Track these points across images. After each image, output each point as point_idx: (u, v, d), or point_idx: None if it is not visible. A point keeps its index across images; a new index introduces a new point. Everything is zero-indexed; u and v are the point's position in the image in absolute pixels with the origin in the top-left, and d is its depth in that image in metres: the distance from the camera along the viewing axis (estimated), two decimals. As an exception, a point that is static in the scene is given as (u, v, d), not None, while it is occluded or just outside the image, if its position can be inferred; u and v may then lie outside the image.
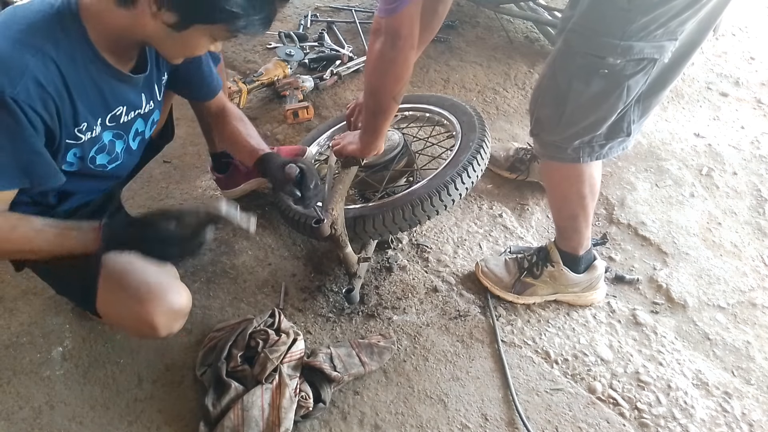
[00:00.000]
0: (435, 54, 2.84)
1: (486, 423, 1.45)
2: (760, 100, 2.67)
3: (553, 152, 1.47)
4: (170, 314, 1.33)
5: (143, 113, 1.34)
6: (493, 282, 1.74)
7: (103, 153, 1.29)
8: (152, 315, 1.29)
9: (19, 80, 1.02)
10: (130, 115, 1.30)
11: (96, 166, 1.29)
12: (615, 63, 1.23)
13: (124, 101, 1.26)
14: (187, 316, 1.40)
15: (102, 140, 1.26)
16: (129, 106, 1.28)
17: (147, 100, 1.33)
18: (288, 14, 3.20)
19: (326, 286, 1.77)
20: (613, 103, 1.31)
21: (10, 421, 1.42)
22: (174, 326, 1.36)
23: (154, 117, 1.40)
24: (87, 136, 1.21)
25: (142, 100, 1.31)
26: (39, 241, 1.16)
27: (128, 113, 1.29)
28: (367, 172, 1.86)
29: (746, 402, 1.52)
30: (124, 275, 1.31)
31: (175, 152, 2.24)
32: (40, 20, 1.07)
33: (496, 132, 2.39)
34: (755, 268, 1.89)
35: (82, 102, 1.15)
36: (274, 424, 1.34)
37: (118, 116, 1.26)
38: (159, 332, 1.32)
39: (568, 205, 1.57)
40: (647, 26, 1.18)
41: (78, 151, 1.22)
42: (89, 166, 1.27)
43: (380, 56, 1.37)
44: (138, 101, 1.30)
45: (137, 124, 1.34)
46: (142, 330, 1.33)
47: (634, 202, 2.11)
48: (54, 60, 1.07)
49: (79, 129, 1.18)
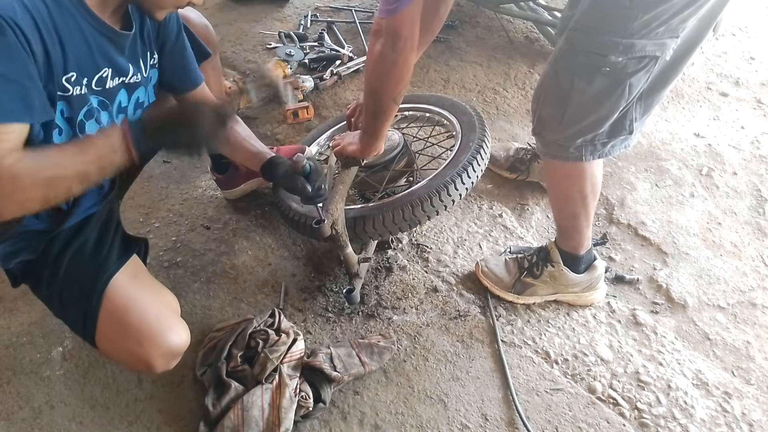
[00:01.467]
0: (435, 54, 2.84)
1: (486, 423, 1.45)
2: (760, 100, 2.67)
3: (556, 151, 1.47)
4: (168, 355, 1.32)
5: (128, 82, 1.30)
6: (493, 282, 1.74)
7: (92, 120, 1.24)
8: (150, 357, 1.29)
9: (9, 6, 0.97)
10: (115, 81, 1.26)
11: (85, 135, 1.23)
12: (617, 61, 1.23)
13: (109, 62, 1.22)
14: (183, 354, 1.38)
15: (90, 102, 1.20)
16: (114, 69, 1.24)
17: (134, 70, 1.30)
18: (288, 14, 3.21)
19: (326, 286, 1.77)
20: (615, 101, 1.31)
21: (10, 421, 1.42)
22: (170, 364, 1.35)
23: (138, 95, 1.36)
24: (76, 91, 1.15)
25: (129, 67, 1.28)
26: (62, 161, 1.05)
27: (113, 78, 1.25)
28: (367, 172, 1.86)
29: (746, 402, 1.52)
30: (125, 313, 1.30)
31: (175, 152, 2.24)
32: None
33: (496, 132, 2.39)
34: (755, 268, 1.89)
35: (71, 49, 1.10)
36: (274, 424, 1.34)
37: (104, 79, 1.22)
38: (155, 371, 1.32)
39: (569, 205, 1.57)
40: (649, 24, 1.18)
41: (66, 108, 1.15)
42: (78, 133, 1.21)
43: (380, 57, 1.37)
44: (125, 66, 1.27)
45: (121, 95, 1.30)
46: (138, 367, 1.34)
47: (634, 202, 2.11)
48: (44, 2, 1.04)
49: (68, 78, 1.12)
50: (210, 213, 2.00)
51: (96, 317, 1.29)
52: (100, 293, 1.29)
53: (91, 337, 1.32)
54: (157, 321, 1.32)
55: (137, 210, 1.99)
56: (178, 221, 1.97)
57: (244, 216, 2.00)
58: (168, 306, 1.41)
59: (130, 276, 1.36)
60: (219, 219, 1.99)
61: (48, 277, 1.31)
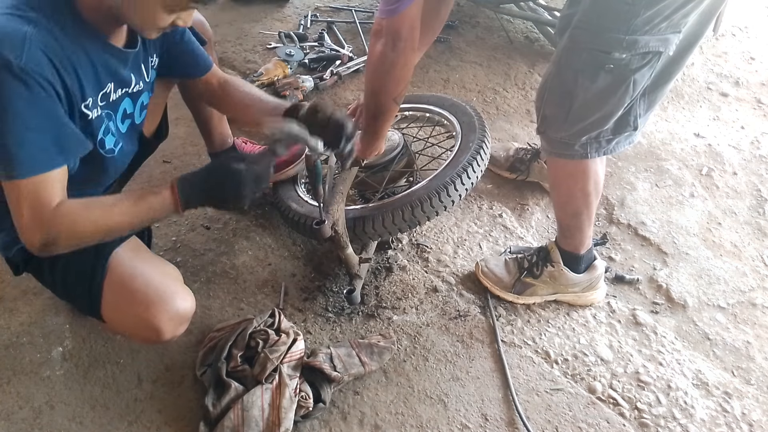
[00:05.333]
0: (435, 54, 2.84)
1: (486, 423, 1.45)
2: (760, 100, 2.68)
3: (561, 149, 1.47)
4: (176, 319, 1.32)
5: (131, 92, 1.31)
6: (493, 282, 1.74)
7: (110, 134, 1.26)
8: (158, 320, 1.29)
9: (22, 49, 0.98)
10: (118, 93, 1.27)
11: (106, 151, 1.27)
12: (621, 57, 1.23)
13: (113, 77, 1.23)
14: (190, 320, 1.40)
15: (104, 121, 1.23)
16: (117, 82, 1.24)
17: (136, 79, 1.30)
18: (288, 14, 3.21)
19: (326, 286, 1.77)
20: (619, 97, 1.31)
21: (10, 421, 1.42)
22: (178, 330, 1.35)
23: (143, 99, 1.37)
24: (94, 114, 1.18)
25: (132, 78, 1.29)
26: (117, 215, 1.15)
27: (116, 90, 1.25)
28: (367, 172, 1.86)
29: (746, 402, 1.52)
30: (130, 280, 1.30)
31: (175, 152, 2.24)
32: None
33: (496, 132, 2.39)
34: (755, 268, 1.90)
35: (85, 77, 1.13)
36: (274, 424, 1.34)
37: (108, 94, 1.23)
38: (164, 336, 1.31)
39: (572, 203, 1.57)
40: (651, 20, 1.18)
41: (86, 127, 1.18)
42: (99, 151, 1.24)
43: (381, 58, 1.37)
44: (128, 78, 1.27)
45: (125, 103, 1.31)
46: (147, 334, 1.33)
47: (634, 202, 2.11)
48: (51, 32, 1.04)
49: (86, 104, 1.15)
50: (210, 213, 2.00)
51: (101, 289, 1.29)
52: (103, 265, 1.29)
53: (98, 311, 1.32)
54: (162, 285, 1.32)
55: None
56: (178, 221, 1.97)
57: (244, 216, 2.00)
58: (171, 275, 1.41)
59: (132, 250, 1.36)
60: (219, 219, 1.99)
61: (49, 261, 1.31)
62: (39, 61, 1.01)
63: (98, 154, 1.25)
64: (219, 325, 1.60)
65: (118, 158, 1.34)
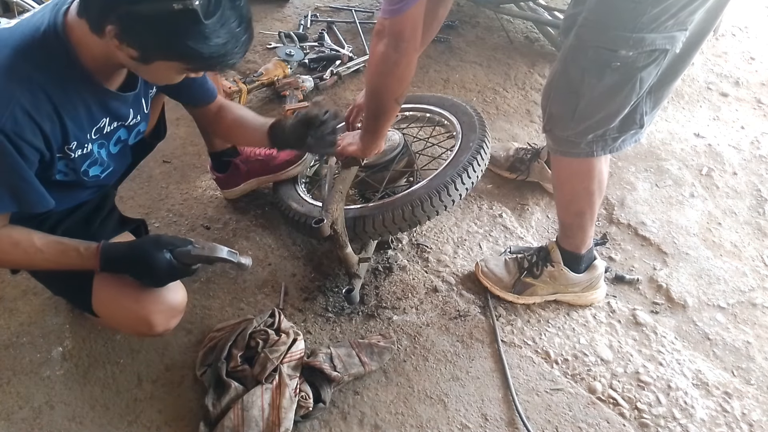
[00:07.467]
0: (435, 54, 2.84)
1: (486, 423, 1.45)
2: (760, 100, 2.68)
3: (567, 147, 1.48)
4: (167, 311, 1.33)
5: (127, 125, 1.33)
6: (493, 282, 1.74)
7: (96, 165, 1.29)
8: (149, 313, 1.30)
9: (5, 110, 1.04)
10: (114, 125, 1.29)
11: (90, 178, 1.29)
12: (627, 55, 1.23)
13: (109, 113, 1.25)
14: (183, 313, 1.40)
15: (93, 155, 1.26)
16: (113, 117, 1.27)
17: (134, 114, 1.32)
18: (288, 14, 3.20)
19: (326, 286, 1.77)
20: (626, 95, 1.31)
21: (10, 421, 1.42)
22: (171, 323, 1.36)
23: (139, 128, 1.39)
24: (77, 153, 1.21)
25: (130, 113, 1.31)
26: (38, 260, 1.22)
27: (112, 123, 1.28)
28: (367, 172, 1.86)
29: (746, 402, 1.52)
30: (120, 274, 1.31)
31: (175, 152, 2.24)
32: (27, 46, 1.08)
33: (496, 132, 2.39)
34: (755, 268, 1.90)
35: (73, 122, 1.16)
36: (274, 424, 1.34)
37: (102, 128, 1.26)
38: (156, 329, 1.32)
39: (576, 202, 1.57)
40: (658, 17, 1.18)
41: (68, 163, 1.22)
42: (83, 178, 1.27)
43: (383, 58, 1.36)
44: (125, 114, 1.30)
45: (120, 133, 1.33)
46: (139, 327, 1.34)
47: (634, 202, 2.11)
48: (42, 87, 1.08)
49: (69, 147, 1.19)
50: (210, 213, 2.00)
51: (91, 282, 1.31)
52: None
53: (89, 304, 1.33)
54: None
55: (137, 210, 1.99)
56: (178, 221, 1.97)
57: (244, 216, 2.00)
58: None
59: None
60: (219, 219, 1.99)
61: None
62: (20, 122, 1.06)
63: (82, 180, 1.28)
64: (219, 325, 1.60)
65: (104, 179, 1.36)
